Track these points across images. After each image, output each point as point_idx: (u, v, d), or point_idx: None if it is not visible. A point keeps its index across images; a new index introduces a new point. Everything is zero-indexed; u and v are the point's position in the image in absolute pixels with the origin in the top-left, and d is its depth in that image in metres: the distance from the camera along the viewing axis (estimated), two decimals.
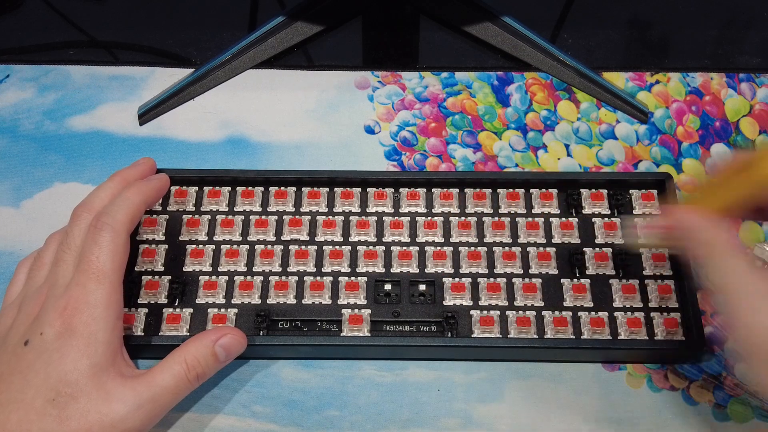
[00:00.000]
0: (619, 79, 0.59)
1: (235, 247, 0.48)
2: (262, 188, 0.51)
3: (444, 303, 0.46)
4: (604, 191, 0.50)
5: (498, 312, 0.46)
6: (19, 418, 0.38)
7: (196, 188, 0.51)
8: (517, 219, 0.49)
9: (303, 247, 0.48)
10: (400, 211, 0.50)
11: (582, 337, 0.46)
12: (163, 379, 0.41)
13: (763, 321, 0.35)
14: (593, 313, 0.46)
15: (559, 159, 0.55)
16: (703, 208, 0.39)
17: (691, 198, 0.42)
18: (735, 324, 0.36)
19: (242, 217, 0.50)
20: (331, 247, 0.49)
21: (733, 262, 0.37)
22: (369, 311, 0.46)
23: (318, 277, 0.47)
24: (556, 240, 0.49)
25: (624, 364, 0.46)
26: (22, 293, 0.44)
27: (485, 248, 0.48)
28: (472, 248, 0.48)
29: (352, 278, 0.47)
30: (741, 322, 0.36)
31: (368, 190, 0.51)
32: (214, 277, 0.48)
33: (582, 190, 0.50)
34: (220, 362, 0.43)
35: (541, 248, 0.48)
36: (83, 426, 0.39)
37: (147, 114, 0.57)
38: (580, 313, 0.46)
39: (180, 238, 0.49)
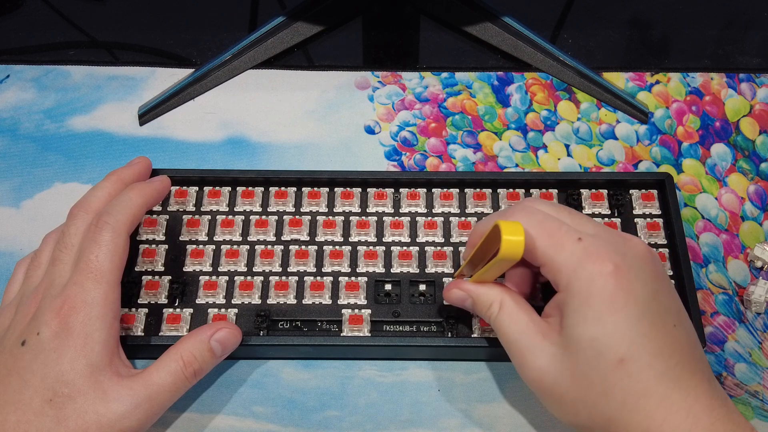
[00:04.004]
0: (619, 79, 0.59)
1: (235, 247, 0.48)
2: (262, 188, 0.51)
3: (444, 303, 0.46)
4: (604, 191, 0.50)
5: None
6: (17, 418, 0.38)
7: (197, 188, 0.51)
8: None
9: (303, 247, 0.48)
10: (401, 211, 0.50)
11: None
12: (160, 377, 0.41)
13: (536, 364, 0.39)
14: None
15: (559, 159, 0.55)
16: (478, 279, 0.42)
17: (464, 270, 0.44)
18: (520, 374, 0.40)
19: (242, 217, 0.50)
20: (331, 247, 0.49)
21: (503, 319, 0.40)
22: (369, 311, 0.46)
23: (318, 277, 0.47)
24: None
25: None
26: (20, 293, 0.44)
27: None
28: None
29: (353, 278, 0.47)
30: (521, 371, 0.40)
31: (368, 190, 0.51)
32: (214, 277, 0.48)
33: (582, 191, 0.50)
34: (216, 357, 0.43)
35: None
36: (81, 426, 0.39)
37: (147, 114, 0.57)
38: None
39: (180, 239, 0.49)
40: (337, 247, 0.48)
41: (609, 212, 0.50)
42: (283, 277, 0.47)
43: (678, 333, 0.38)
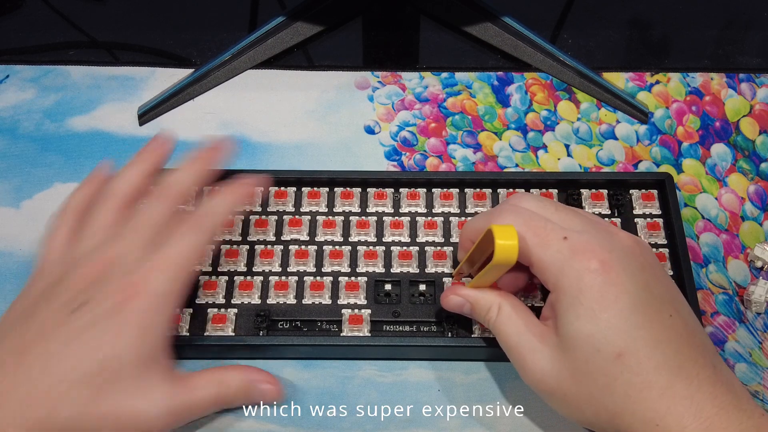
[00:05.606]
0: (619, 80, 0.59)
1: (235, 247, 0.48)
2: (262, 188, 0.51)
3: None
4: (605, 191, 0.50)
5: None
6: (49, 388, 0.37)
7: (196, 188, 0.51)
8: None
9: (303, 247, 0.48)
10: (400, 211, 0.50)
11: None
12: (202, 394, 0.40)
13: (536, 366, 0.39)
14: None
15: (559, 159, 0.55)
16: (475, 284, 0.42)
17: (463, 268, 0.45)
18: (522, 377, 0.40)
19: (242, 217, 0.50)
20: (331, 247, 0.48)
21: (502, 323, 0.41)
22: (369, 311, 0.46)
23: (318, 277, 0.47)
24: None
25: None
26: (71, 253, 0.42)
27: None
28: None
29: (352, 278, 0.47)
30: (522, 374, 0.40)
31: (368, 190, 0.50)
32: (213, 277, 0.47)
33: (582, 190, 0.50)
34: (244, 402, 0.43)
35: None
36: (113, 413, 0.37)
37: (147, 114, 0.57)
38: None
39: None
40: (337, 247, 0.48)
41: (609, 212, 0.50)
42: (283, 277, 0.47)
43: (675, 322, 0.38)
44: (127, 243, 0.41)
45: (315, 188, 0.50)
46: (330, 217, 0.49)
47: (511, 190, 0.50)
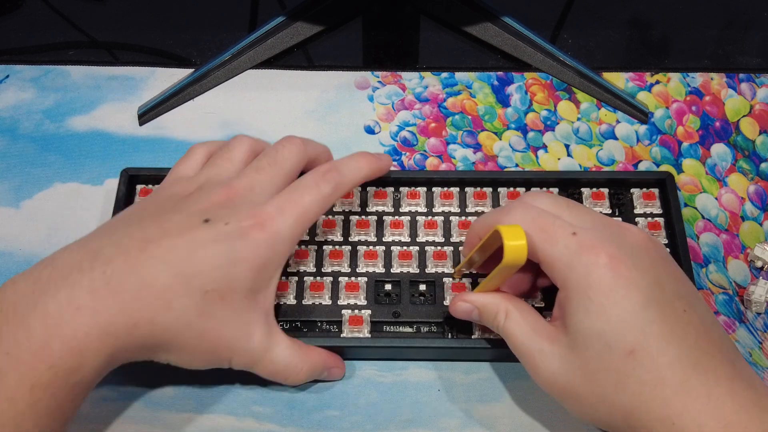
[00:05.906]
0: (619, 80, 0.59)
1: None
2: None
3: (444, 303, 0.46)
4: (605, 190, 0.50)
5: None
6: (164, 284, 0.37)
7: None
8: None
9: (303, 247, 0.48)
10: (401, 210, 0.50)
11: None
12: (282, 356, 0.41)
13: (547, 367, 0.39)
14: None
15: (559, 159, 0.55)
16: (483, 289, 0.42)
17: (463, 267, 0.45)
18: (534, 379, 0.40)
19: None
20: (331, 247, 0.48)
21: (510, 326, 0.40)
22: (369, 312, 0.46)
23: (318, 278, 0.47)
24: None
25: None
26: (204, 174, 0.42)
27: None
28: None
29: (352, 278, 0.47)
30: (534, 376, 0.40)
31: (368, 189, 0.50)
32: None
33: (583, 189, 0.50)
34: (307, 379, 0.44)
35: None
36: (213, 335, 0.38)
37: (147, 114, 0.57)
38: None
39: None
40: (336, 246, 0.48)
41: (610, 211, 0.50)
42: (283, 278, 0.47)
43: (690, 316, 0.37)
44: (261, 178, 0.41)
45: None
46: (330, 217, 0.49)
47: (511, 189, 0.50)
